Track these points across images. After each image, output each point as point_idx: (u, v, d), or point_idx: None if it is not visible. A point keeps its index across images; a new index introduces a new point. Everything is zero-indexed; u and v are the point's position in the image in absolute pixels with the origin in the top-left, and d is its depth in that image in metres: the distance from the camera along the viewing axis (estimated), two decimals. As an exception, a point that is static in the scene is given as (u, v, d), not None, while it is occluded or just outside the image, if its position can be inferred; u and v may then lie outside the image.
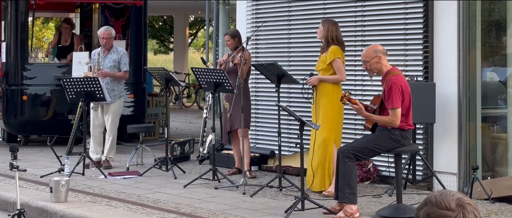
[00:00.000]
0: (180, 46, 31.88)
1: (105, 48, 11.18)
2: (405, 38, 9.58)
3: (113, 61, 11.18)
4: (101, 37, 11.22)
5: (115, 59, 11.19)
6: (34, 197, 8.87)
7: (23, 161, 11.28)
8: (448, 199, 2.68)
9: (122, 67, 11.23)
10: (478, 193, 8.50)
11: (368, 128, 8.00)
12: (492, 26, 9.86)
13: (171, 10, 30.21)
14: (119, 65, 11.21)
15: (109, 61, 11.17)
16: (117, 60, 11.20)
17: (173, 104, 26.36)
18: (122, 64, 11.23)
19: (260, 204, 8.49)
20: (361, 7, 10.07)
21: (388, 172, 9.52)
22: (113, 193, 9.20)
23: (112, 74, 11.07)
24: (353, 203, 7.76)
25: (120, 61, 11.21)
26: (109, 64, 11.15)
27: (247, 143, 10.22)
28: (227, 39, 10.51)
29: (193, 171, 10.84)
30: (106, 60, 11.17)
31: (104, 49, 11.19)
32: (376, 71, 7.86)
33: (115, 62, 11.18)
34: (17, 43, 13.56)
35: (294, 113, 8.20)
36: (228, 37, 10.50)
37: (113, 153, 11.25)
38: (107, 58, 11.19)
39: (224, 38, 11.12)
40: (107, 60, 11.17)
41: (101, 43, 11.23)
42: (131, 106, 13.84)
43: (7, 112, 13.58)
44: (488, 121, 9.42)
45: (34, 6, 13.52)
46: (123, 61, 11.23)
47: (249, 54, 10.39)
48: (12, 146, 7.80)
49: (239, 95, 9.68)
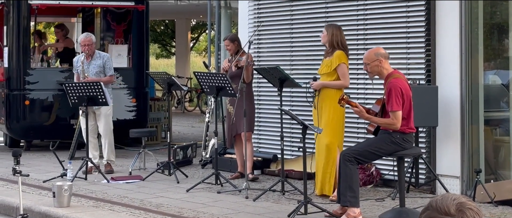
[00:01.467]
0: (182, 50, 31.91)
1: (88, 54, 11.12)
2: (407, 41, 9.58)
3: (98, 67, 11.15)
4: (83, 44, 11.12)
5: (100, 65, 11.16)
6: (37, 202, 8.87)
7: (25, 166, 11.30)
8: (448, 203, 2.66)
9: (107, 72, 11.20)
10: (481, 196, 8.48)
11: (371, 131, 8.00)
12: (495, 29, 9.86)
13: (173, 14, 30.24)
14: (104, 70, 11.18)
15: (94, 67, 11.14)
16: (102, 65, 11.17)
17: (175, 108, 26.36)
18: (107, 69, 11.20)
19: (263, 208, 8.49)
20: (363, 11, 10.07)
21: (391, 176, 9.51)
22: (116, 197, 9.19)
23: (98, 80, 10.98)
24: (355, 206, 7.75)
25: (105, 66, 11.18)
26: (95, 70, 11.12)
27: (250, 146, 10.22)
28: (227, 44, 10.51)
29: (195, 176, 10.84)
30: (90, 66, 11.13)
31: (87, 55, 11.13)
32: (376, 73, 7.87)
33: (100, 67, 11.16)
34: (19, 48, 13.56)
35: (297, 117, 8.19)
36: (228, 41, 10.50)
37: (113, 156, 11.23)
38: (92, 64, 11.14)
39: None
40: (91, 67, 11.13)
41: (83, 50, 11.12)
42: (134, 111, 13.85)
43: (9, 117, 13.58)
44: (490, 124, 9.41)
45: (36, 11, 13.53)
46: (107, 66, 11.21)
47: (251, 57, 10.40)
48: (14, 151, 7.81)
49: (242, 99, 9.68)
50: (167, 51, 39.33)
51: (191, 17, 32.11)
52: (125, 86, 13.79)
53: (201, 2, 22.32)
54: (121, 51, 14.11)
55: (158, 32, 36.70)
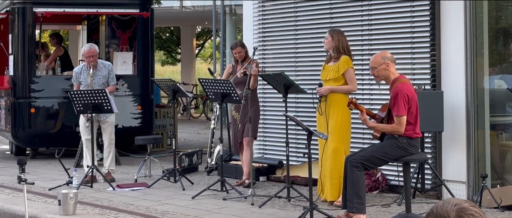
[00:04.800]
0: (187, 57, 31.94)
1: (93, 66, 11.07)
2: (412, 46, 9.57)
3: (104, 77, 11.15)
4: (87, 55, 11.03)
5: (105, 75, 11.16)
6: (43, 210, 8.86)
7: (31, 174, 11.30)
8: (448, 209, 2.63)
9: (110, 82, 11.19)
10: (488, 201, 8.46)
11: (377, 137, 7.98)
12: (500, 34, 9.84)
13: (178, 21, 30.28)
14: (108, 80, 11.17)
15: (100, 77, 11.13)
16: (107, 75, 11.17)
17: (181, 115, 26.38)
18: (110, 79, 11.19)
19: (269, 215, 8.47)
20: (368, 16, 10.06)
21: (397, 181, 9.49)
22: (122, 205, 9.19)
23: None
24: (362, 212, 7.73)
25: (109, 76, 11.18)
26: (101, 81, 11.11)
27: (248, 152, 10.14)
28: (239, 51, 10.46)
29: (201, 182, 10.83)
30: (96, 77, 11.11)
31: (92, 66, 11.04)
32: (383, 78, 7.86)
33: (105, 77, 11.16)
34: (25, 56, 13.59)
35: (302, 123, 8.18)
36: (240, 48, 10.48)
37: (113, 165, 11.21)
38: (97, 75, 11.12)
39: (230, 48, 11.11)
40: (97, 78, 11.11)
41: (88, 62, 11.05)
42: (139, 118, 13.85)
43: (15, 125, 13.59)
44: (496, 129, 9.39)
45: (41, 19, 13.55)
46: (111, 76, 11.21)
47: (257, 62, 10.42)
48: (20, 159, 7.82)
49: (247, 105, 9.67)
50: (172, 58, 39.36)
51: (196, 24, 32.15)
52: (130, 93, 13.79)
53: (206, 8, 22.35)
54: (126, 58, 14.12)
55: (164, 39, 36.74)
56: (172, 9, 23.49)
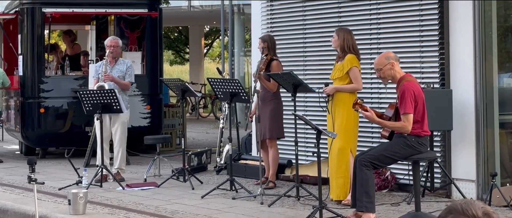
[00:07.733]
0: (196, 57, 31.98)
1: (112, 56, 11.11)
2: (421, 45, 9.56)
3: (121, 72, 11.15)
4: (109, 45, 11.15)
5: (122, 70, 11.16)
6: (53, 210, 8.89)
7: (41, 174, 11.33)
8: (474, 207, 2.68)
9: (126, 78, 11.20)
10: (497, 200, 8.45)
11: (385, 136, 7.98)
12: (508, 32, 9.82)
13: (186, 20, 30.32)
14: (125, 76, 11.18)
15: (117, 72, 11.14)
16: (124, 70, 11.18)
17: (190, 114, 26.41)
18: (127, 75, 11.19)
19: (278, 214, 8.48)
20: (376, 14, 10.06)
21: (406, 180, 9.48)
22: (131, 204, 9.21)
23: (117, 80, 11.01)
24: (371, 211, 7.74)
25: (126, 72, 11.19)
26: (117, 75, 11.13)
27: (267, 152, 10.25)
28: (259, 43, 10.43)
29: (210, 182, 10.84)
30: (113, 71, 11.13)
31: (111, 58, 11.12)
32: (390, 78, 7.86)
33: (122, 72, 11.15)
34: (34, 56, 13.63)
35: (311, 122, 8.18)
36: (260, 41, 10.45)
37: (123, 164, 11.22)
38: (115, 69, 11.15)
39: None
40: (114, 71, 11.12)
41: (109, 51, 11.13)
42: (148, 117, 13.88)
43: (24, 125, 13.64)
44: (505, 127, 9.37)
45: (50, 19, 13.59)
46: (128, 72, 11.21)
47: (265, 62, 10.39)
48: (29, 159, 7.84)
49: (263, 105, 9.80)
50: (181, 57, 39.42)
51: (205, 24, 32.18)
52: (139, 93, 13.82)
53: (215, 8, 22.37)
54: (135, 58, 14.13)
55: (172, 38, 36.80)
56: (180, 8, 23.52)
